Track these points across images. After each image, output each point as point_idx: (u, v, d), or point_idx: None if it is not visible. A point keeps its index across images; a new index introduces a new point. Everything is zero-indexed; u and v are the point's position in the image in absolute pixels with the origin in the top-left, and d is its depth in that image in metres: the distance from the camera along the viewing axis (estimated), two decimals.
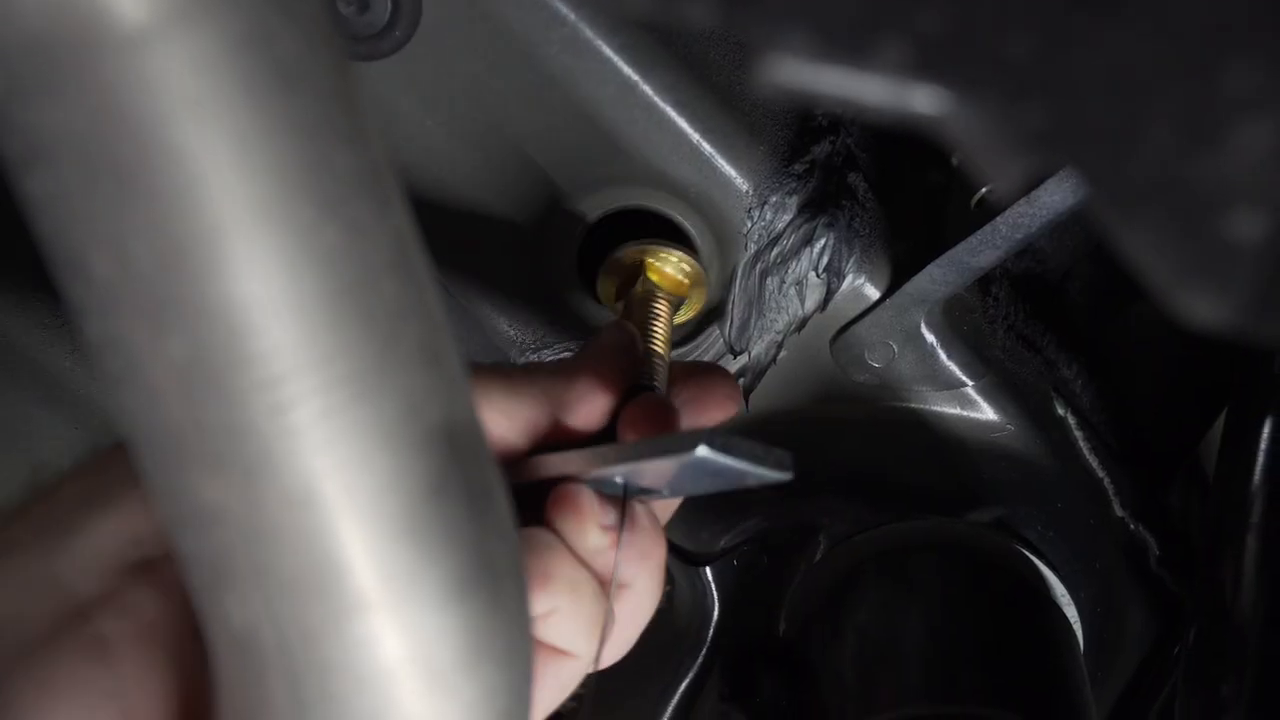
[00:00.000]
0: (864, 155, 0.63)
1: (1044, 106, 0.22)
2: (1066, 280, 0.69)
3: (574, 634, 0.41)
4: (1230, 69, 0.20)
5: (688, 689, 0.72)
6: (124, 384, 0.25)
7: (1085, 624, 0.65)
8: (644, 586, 0.44)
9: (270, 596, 0.27)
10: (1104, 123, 0.21)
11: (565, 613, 0.40)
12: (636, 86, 0.58)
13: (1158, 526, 0.65)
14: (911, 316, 0.60)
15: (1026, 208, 0.54)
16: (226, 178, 0.22)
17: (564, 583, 0.40)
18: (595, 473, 0.41)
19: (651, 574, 0.44)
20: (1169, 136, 0.21)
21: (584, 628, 0.41)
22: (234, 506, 0.26)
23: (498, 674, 0.30)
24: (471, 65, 0.58)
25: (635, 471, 0.41)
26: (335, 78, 0.24)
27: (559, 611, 0.40)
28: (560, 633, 0.41)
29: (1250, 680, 0.50)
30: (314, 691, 0.28)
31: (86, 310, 0.24)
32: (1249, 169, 0.21)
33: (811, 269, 0.60)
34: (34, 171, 0.23)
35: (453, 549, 0.28)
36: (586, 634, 0.41)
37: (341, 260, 0.24)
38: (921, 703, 0.55)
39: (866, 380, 0.63)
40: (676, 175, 0.59)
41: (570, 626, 0.41)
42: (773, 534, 0.69)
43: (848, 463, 0.66)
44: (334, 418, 0.25)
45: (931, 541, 0.64)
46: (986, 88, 0.22)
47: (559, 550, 0.41)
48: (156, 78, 0.21)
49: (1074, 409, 0.65)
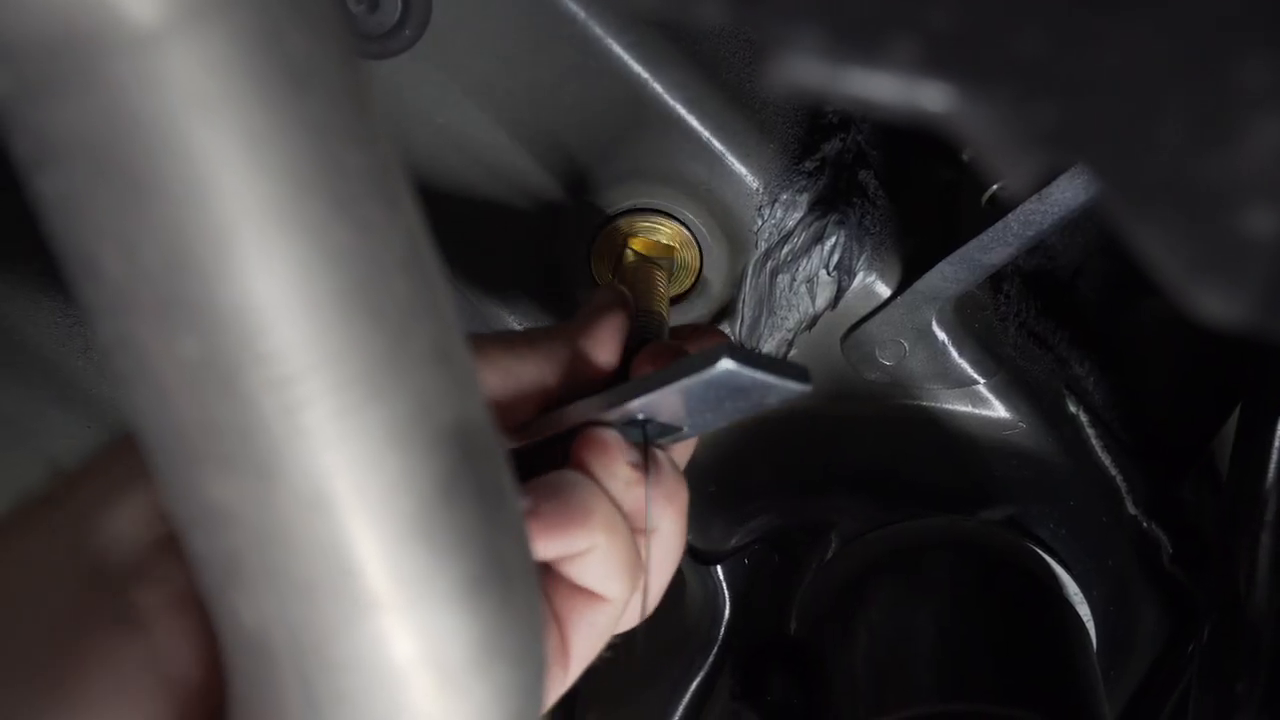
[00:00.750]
0: (875, 152, 0.63)
1: (1055, 104, 0.21)
2: (1078, 277, 0.69)
3: (608, 575, 0.41)
4: (1242, 65, 0.20)
5: (699, 687, 0.72)
6: (135, 383, 0.25)
7: (1098, 622, 0.65)
8: (670, 530, 0.44)
9: (281, 597, 0.27)
10: (1116, 120, 0.21)
11: (602, 551, 0.40)
12: (646, 84, 0.58)
13: (1171, 524, 0.65)
14: (923, 314, 0.60)
15: (1038, 205, 0.54)
16: (237, 177, 0.22)
17: (601, 518, 0.40)
18: (614, 413, 0.42)
19: (676, 518, 0.44)
20: (1181, 133, 0.21)
21: (618, 569, 0.41)
22: (245, 507, 0.26)
23: (510, 674, 0.30)
24: (481, 64, 0.58)
25: (655, 405, 0.41)
26: (346, 76, 0.24)
27: (596, 550, 0.40)
28: (596, 574, 0.41)
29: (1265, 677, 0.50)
30: (326, 692, 0.28)
31: (97, 309, 0.24)
32: (1262, 165, 0.21)
33: (822, 267, 0.60)
34: (45, 171, 0.23)
35: (464, 549, 0.28)
36: (620, 575, 0.41)
37: (352, 260, 0.24)
38: (934, 701, 0.55)
39: (877, 378, 0.63)
40: (686, 173, 0.59)
41: (605, 567, 0.41)
42: (784, 532, 0.69)
43: (859, 461, 0.66)
44: (345, 418, 0.25)
45: (943, 540, 0.64)
46: (997, 85, 0.22)
47: (594, 488, 0.41)
48: (167, 78, 0.21)
49: (1086, 406, 0.64)
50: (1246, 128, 0.21)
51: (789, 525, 0.69)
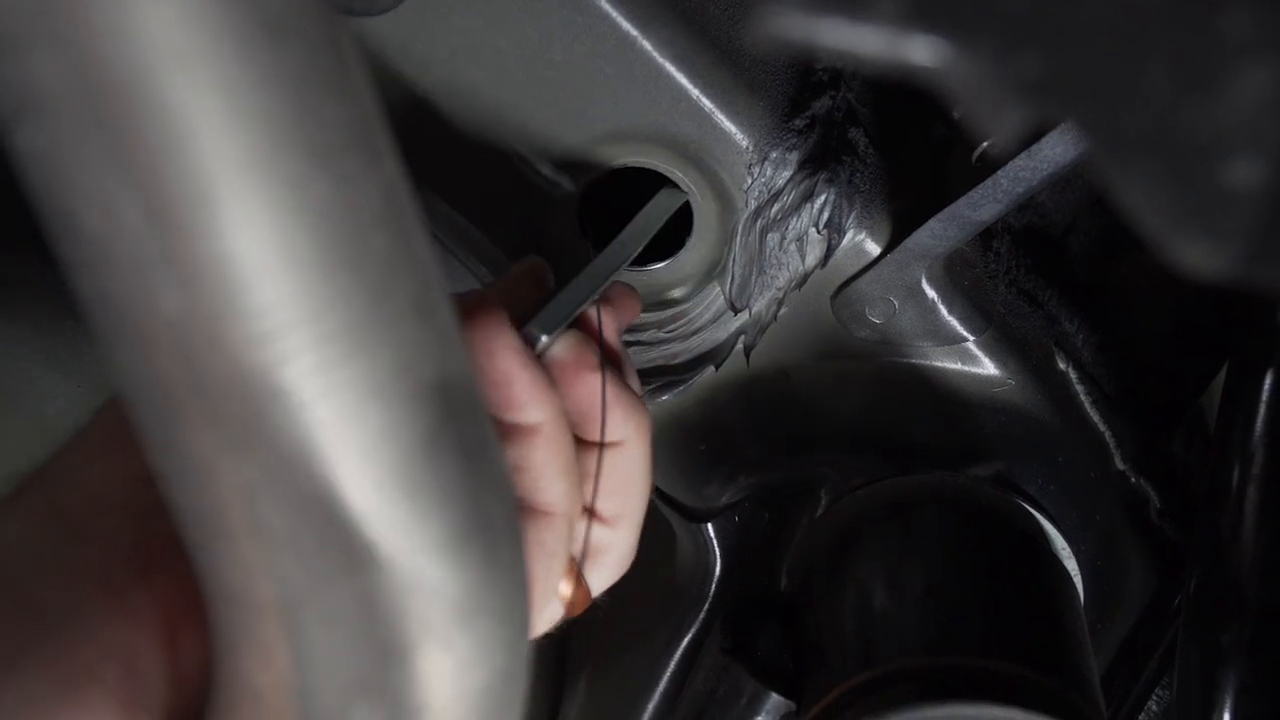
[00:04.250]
0: (865, 110, 0.63)
1: (1039, 55, 0.21)
2: (1068, 234, 0.69)
3: (545, 480, 0.41)
4: (1226, 15, 0.20)
5: (690, 644, 0.72)
6: (116, 340, 0.25)
7: (1086, 575, 0.66)
8: (635, 443, 0.45)
9: (266, 551, 0.27)
10: (1099, 71, 0.21)
11: (541, 452, 0.41)
12: (635, 42, 0.57)
13: (1159, 478, 0.66)
14: (912, 272, 0.60)
15: (1027, 161, 0.54)
16: (214, 130, 0.22)
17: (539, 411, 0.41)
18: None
19: (639, 431, 0.45)
20: (1165, 84, 0.21)
21: (555, 472, 0.41)
22: (227, 462, 0.26)
23: (494, 629, 0.30)
24: (468, 22, 0.57)
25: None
26: (324, 29, 0.24)
27: (533, 450, 0.41)
28: (530, 481, 0.41)
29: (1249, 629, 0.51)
30: (311, 646, 0.28)
31: (78, 266, 0.24)
32: (1246, 116, 0.21)
33: (812, 225, 0.60)
34: (22, 126, 0.23)
35: (448, 503, 0.28)
36: (557, 479, 0.42)
37: (331, 214, 0.24)
38: (922, 655, 0.56)
39: (867, 336, 0.63)
40: (676, 132, 0.59)
41: (542, 471, 0.41)
42: (774, 489, 0.69)
43: (849, 418, 0.66)
44: (326, 373, 0.25)
45: (932, 496, 0.64)
46: (983, 37, 0.21)
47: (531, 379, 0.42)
48: (142, 29, 0.21)
49: (1075, 363, 0.65)
50: (1230, 78, 0.20)
51: (779, 482, 0.69)
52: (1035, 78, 0.21)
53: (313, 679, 0.29)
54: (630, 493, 0.46)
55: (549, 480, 0.41)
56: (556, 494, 0.41)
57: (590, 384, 0.44)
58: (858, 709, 0.55)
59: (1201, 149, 0.21)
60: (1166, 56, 0.21)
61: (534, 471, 0.41)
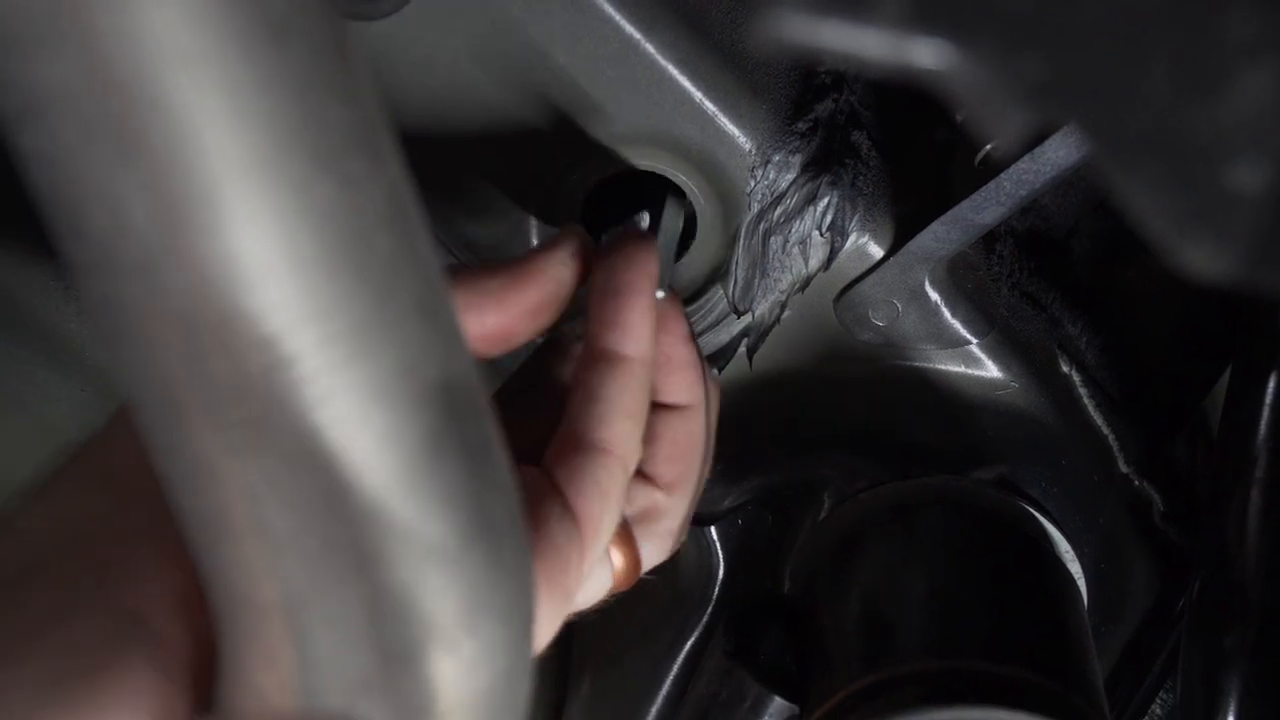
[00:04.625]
0: (868, 113, 0.63)
1: (1042, 57, 0.21)
2: (1071, 237, 0.69)
3: (612, 416, 0.42)
4: (1229, 16, 0.20)
5: (693, 647, 0.72)
6: (121, 342, 0.25)
7: (1089, 579, 0.66)
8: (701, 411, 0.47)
9: (269, 553, 0.27)
10: (1102, 72, 0.21)
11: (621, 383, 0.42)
12: (638, 45, 0.57)
13: (1162, 481, 0.65)
14: (915, 274, 0.60)
15: (1030, 164, 0.54)
16: (219, 132, 0.22)
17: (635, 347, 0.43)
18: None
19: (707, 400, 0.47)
20: (1167, 86, 0.21)
21: (623, 411, 0.42)
22: (232, 464, 0.26)
23: (498, 630, 0.30)
24: (473, 26, 0.57)
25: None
26: (327, 30, 0.24)
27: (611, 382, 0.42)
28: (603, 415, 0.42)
29: (1253, 632, 0.51)
30: (315, 647, 0.28)
31: (83, 268, 0.24)
32: (1248, 118, 0.21)
33: (815, 228, 0.60)
34: (28, 127, 0.23)
35: (451, 504, 0.28)
36: (625, 418, 0.42)
37: (335, 216, 0.24)
38: (925, 658, 0.56)
39: (870, 339, 0.63)
40: (679, 135, 0.59)
41: (611, 405, 0.42)
42: (777, 492, 0.69)
43: (852, 421, 0.66)
44: (331, 374, 0.25)
45: (935, 499, 0.64)
46: (985, 39, 0.21)
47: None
48: (148, 31, 0.21)
49: (1078, 365, 0.64)
50: (1233, 80, 0.21)
51: (782, 485, 0.69)
52: (1038, 80, 0.22)
53: (316, 680, 0.29)
54: (690, 461, 0.46)
55: (617, 416, 0.41)
56: (619, 432, 0.41)
57: (674, 342, 0.45)
58: (862, 712, 0.55)
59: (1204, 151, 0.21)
60: (1168, 58, 0.21)
61: (606, 403, 0.41)
